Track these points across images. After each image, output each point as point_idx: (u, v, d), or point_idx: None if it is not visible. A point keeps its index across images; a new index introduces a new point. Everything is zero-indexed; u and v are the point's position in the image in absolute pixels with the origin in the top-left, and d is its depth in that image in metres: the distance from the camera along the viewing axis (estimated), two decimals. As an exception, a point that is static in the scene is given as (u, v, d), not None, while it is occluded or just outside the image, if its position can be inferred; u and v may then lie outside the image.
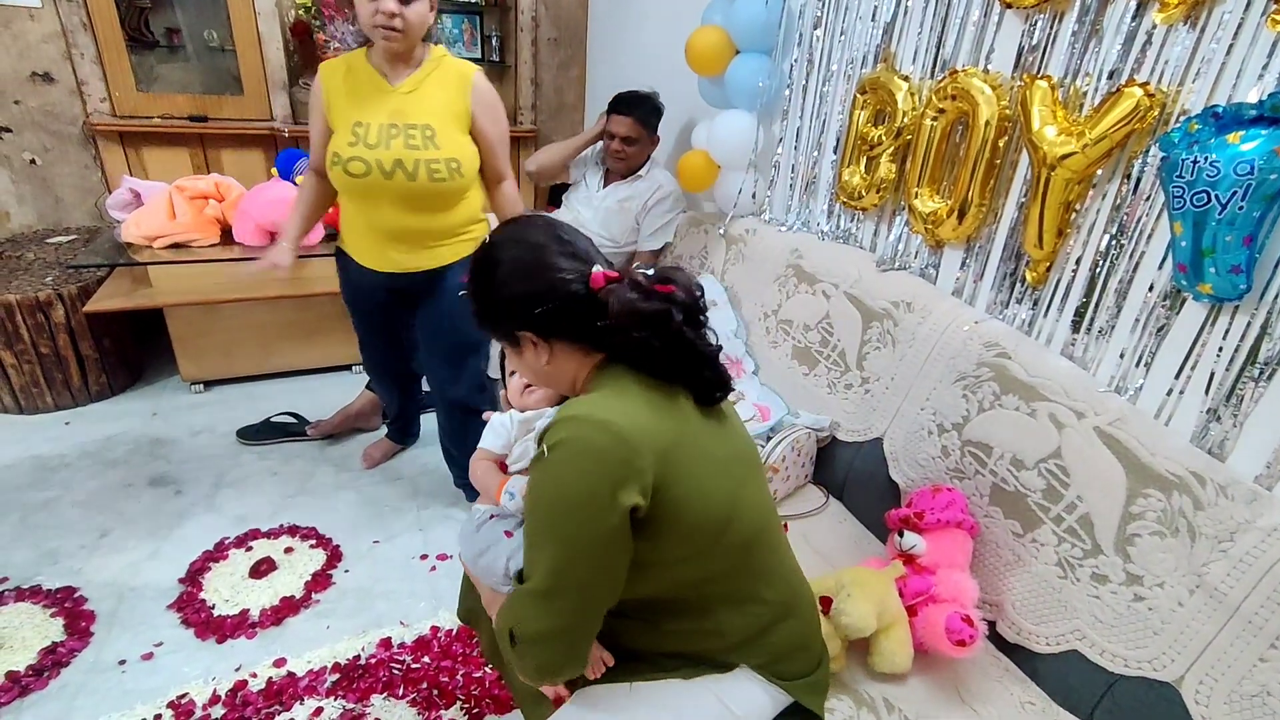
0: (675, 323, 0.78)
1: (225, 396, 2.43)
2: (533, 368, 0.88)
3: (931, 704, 1.04)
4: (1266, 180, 0.90)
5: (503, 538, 0.96)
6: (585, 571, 0.75)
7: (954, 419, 1.27)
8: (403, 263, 1.60)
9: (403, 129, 1.46)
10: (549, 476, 0.75)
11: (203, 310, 2.32)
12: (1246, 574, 0.91)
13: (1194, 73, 1.02)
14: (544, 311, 0.80)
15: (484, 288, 0.85)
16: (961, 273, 1.42)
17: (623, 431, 0.73)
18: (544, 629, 0.76)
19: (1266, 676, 0.87)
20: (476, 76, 1.53)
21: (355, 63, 1.51)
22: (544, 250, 0.82)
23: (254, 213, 2.24)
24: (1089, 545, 1.06)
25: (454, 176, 1.50)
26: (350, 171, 1.47)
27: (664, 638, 0.87)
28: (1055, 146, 1.15)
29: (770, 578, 0.88)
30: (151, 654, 1.47)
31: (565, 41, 3.26)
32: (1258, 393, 0.99)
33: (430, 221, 1.57)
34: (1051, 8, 1.20)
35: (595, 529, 0.72)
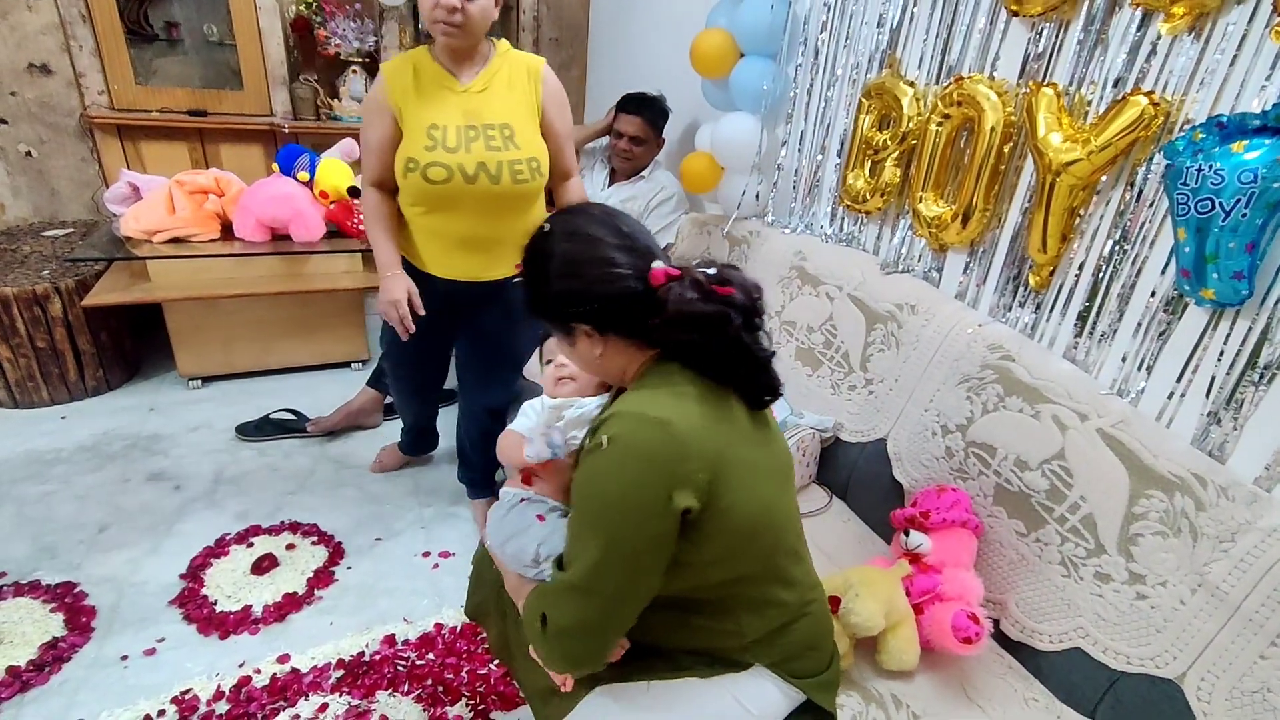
0: (733, 327, 0.77)
1: (223, 393, 2.42)
2: (584, 358, 0.87)
3: (938, 701, 1.05)
4: (1269, 188, 0.92)
5: (535, 522, 0.96)
6: (627, 572, 0.75)
7: (958, 420, 1.29)
8: (473, 271, 1.53)
9: (481, 130, 1.39)
10: (605, 472, 0.74)
11: (202, 305, 2.31)
12: (1247, 573, 0.93)
13: (1198, 82, 1.05)
14: (601, 306, 0.80)
15: (540, 278, 0.84)
16: (964, 276, 1.44)
17: (680, 433, 0.73)
18: (577, 623, 0.76)
19: (1267, 674, 0.89)
20: (545, 70, 1.48)
21: (420, 61, 1.42)
22: (604, 245, 0.80)
23: (255, 208, 2.23)
24: (1092, 545, 1.07)
25: (535, 176, 1.45)
26: (430, 178, 1.38)
27: (684, 633, 0.88)
28: (1060, 153, 1.17)
29: (792, 581, 0.89)
30: (154, 649, 1.46)
31: (567, 42, 3.27)
32: (1257, 396, 1.01)
33: (504, 227, 1.49)
34: (1057, 16, 1.22)
35: (645, 531, 0.73)
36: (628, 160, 2.25)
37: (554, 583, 0.79)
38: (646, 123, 2.20)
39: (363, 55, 2.95)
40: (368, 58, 2.97)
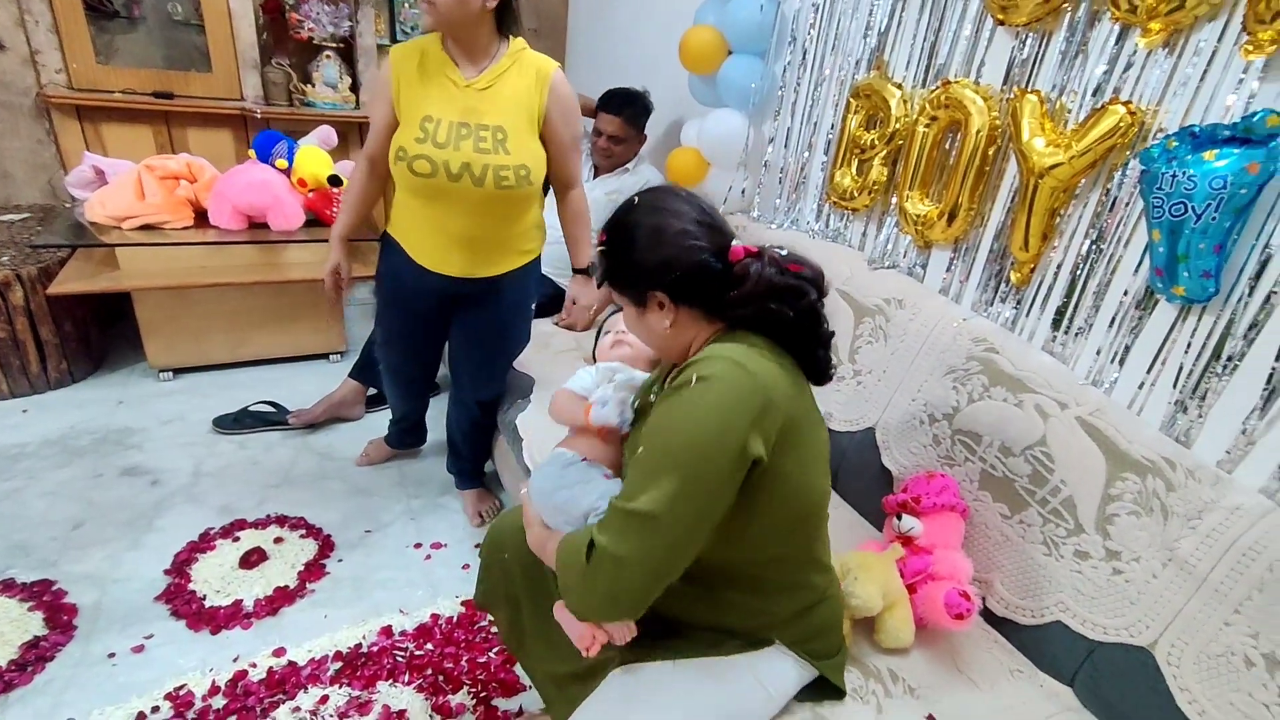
0: (809, 299, 0.83)
1: (197, 384, 2.36)
2: (652, 329, 0.90)
3: (931, 674, 1.11)
4: (1237, 194, 1.00)
5: (599, 477, 0.96)
6: (699, 508, 0.77)
7: (945, 409, 1.36)
8: (465, 268, 1.53)
9: (474, 129, 1.38)
10: (693, 404, 0.77)
11: (174, 295, 2.24)
12: (1213, 548, 1.01)
13: (1171, 93, 1.12)
14: (682, 276, 0.83)
15: (624, 248, 0.87)
16: (949, 273, 1.51)
17: (764, 382, 0.77)
18: (641, 553, 0.76)
19: (1230, 639, 0.97)
20: (556, 75, 1.45)
21: (429, 49, 1.40)
22: (687, 219, 0.85)
23: (232, 195, 2.17)
24: (1072, 525, 1.15)
25: (522, 184, 1.43)
26: (415, 170, 1.39)
27: (711, 609, 0.91)
28: (1043, 157, 1.24)
29: (823, 566, 0.94)
30: (142, 646, 1.43)
31: (545, 32, 3.25)
32: (1220, 386, 1.09)
33: (497, 229, 1.51)
34: (1041, 26, 1.29)
35: (718, 466, 0.75)
36: (608, 158, 2.26)
37: (616, 514, 0.79)
38: (626, 122, 2.20)
39: (337, 41, 2.89)
40: (342, 43, 2.91)
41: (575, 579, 0.82)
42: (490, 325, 1.66)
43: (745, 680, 0.92)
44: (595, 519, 0.91)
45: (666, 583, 0.81)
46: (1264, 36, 0.99)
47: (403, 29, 3.15)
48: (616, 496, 0.82)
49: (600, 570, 0.79)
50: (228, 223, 2.21)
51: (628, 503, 0.78)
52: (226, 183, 2.20)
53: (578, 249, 1.66)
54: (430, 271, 1.54)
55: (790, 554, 0.89)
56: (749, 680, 0.92)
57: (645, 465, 0.79)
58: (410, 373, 1.86)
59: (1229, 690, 0.96)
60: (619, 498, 0.81)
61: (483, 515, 1.91)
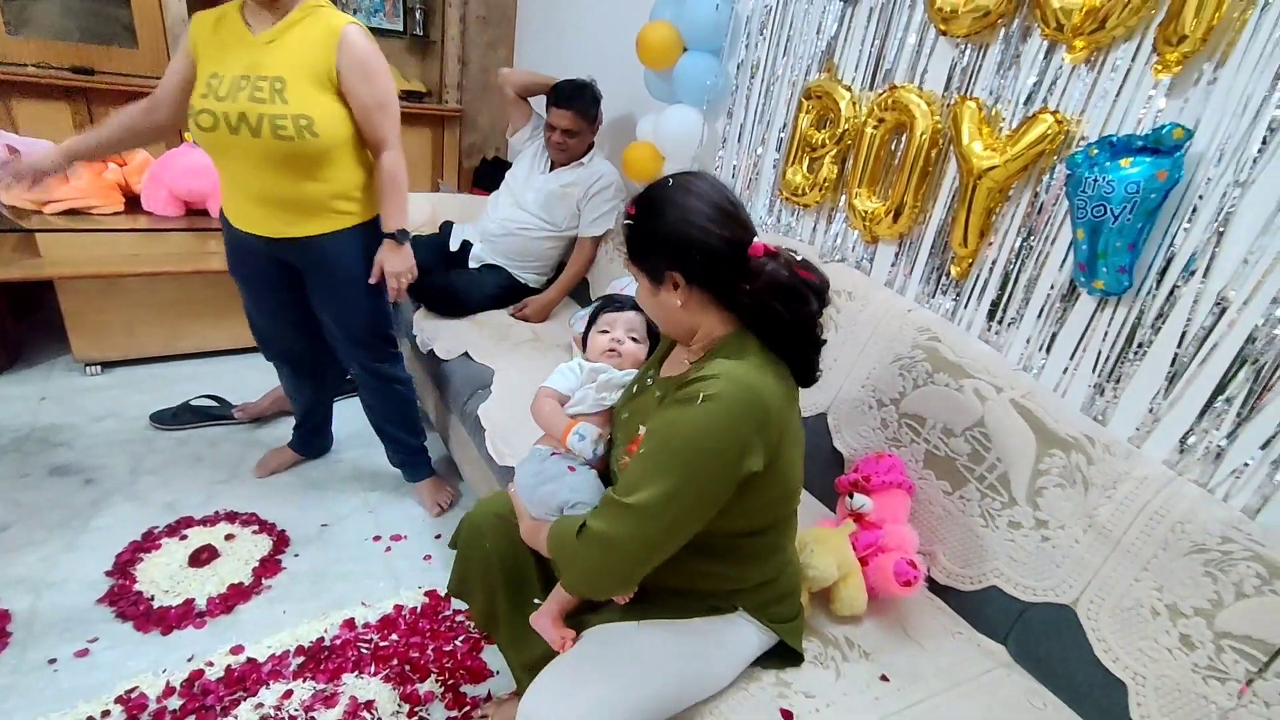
0: (809, 306, 0.88)
1: (129, 379, 2.24)
2: (664, 305, 0.94)
3: (883, 639, 1.20)
4: (1148, 198, 1.12)
5: (567, 472, 1.02)
6: (687, 507, 0.83)
7: (892, 395, 1.45)
8: (274, 227, 1.51)
9: (253, 80, 1.37)
10: (697, 420, 0.82)
11: (102, 284, 2.13)
12: (1126, 513, 1.13)
13: (1093, 105, 1.24)
14: (699, 259, 0.88)
15: (649, 222, 0.91)
16: (894, 267, 1.61)
17: (766, 403, 0.83)
18: (626, 537, 0.83)
19: (1139, 593, 1.10)
20: (348, 30, 1.41)
21: (228, 12, 1.43)
22: (716, 208, 0.89)
23: (168, 180, 2.08)
24: (1006, 498, 1.26)
25: (303, 135, 1.39)
26: (200, 125, 1.40)
27: (685, 576, 0.95)
28: (981, 160, 1.34)
29: (789, 538, 1.01)
30: (86, 650, 1.38)
31: (494, 21, 3.21)
32: (1132, 371, 1.22)
33: (295, 187, 1.47)
34: (979, 39, 1.39)
35: (715, 478, 0.82)
36: (563, 151, 2.26)
37: (612, 505, 0.85)
38: (578, 114, 2.21)
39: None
40: (281, 22, 2.79)
41: (567, 556, 0.87)
42: (334, 291, 1.63)
43: (708, 643, 0.98)
44: (570, 511, 0.96)
45: (653, 565, 0.87)
46: (1171, 58, 1.11)
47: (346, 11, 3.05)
48: (613, 489, 0.87)
49: (590, 549, 0.85)
50: (163, 209, 2.11)
51: (624, 497, 0.84)
52: (163, 167, 2.10)
53: (386, 213, 1.58)
54: (246, 233, 1.54)
55: (765, 530, 0.95)
56: (712, 643, 0.98)
57: (645, 467, 0.84)
58: (295, 359, 1.82)
59: (1138, 639, 1.08)
60: (616, 491, 0.86)
61: (441, 505, 1.90)
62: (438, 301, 2.15)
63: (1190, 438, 1.13)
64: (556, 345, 2.10)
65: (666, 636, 0.98)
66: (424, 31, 3.21)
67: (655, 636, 0.97)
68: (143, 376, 2.26)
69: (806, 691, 1.05)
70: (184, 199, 2.11)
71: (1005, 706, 1.10)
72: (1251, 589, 0.99)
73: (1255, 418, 1.06)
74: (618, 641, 0.97)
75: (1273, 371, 1.04)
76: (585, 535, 0.85)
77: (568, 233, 2.35)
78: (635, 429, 0.97)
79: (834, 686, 1.07)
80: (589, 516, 0.87)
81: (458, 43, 3.14)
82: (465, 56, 3.21)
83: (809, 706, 1.02)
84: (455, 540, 1.23)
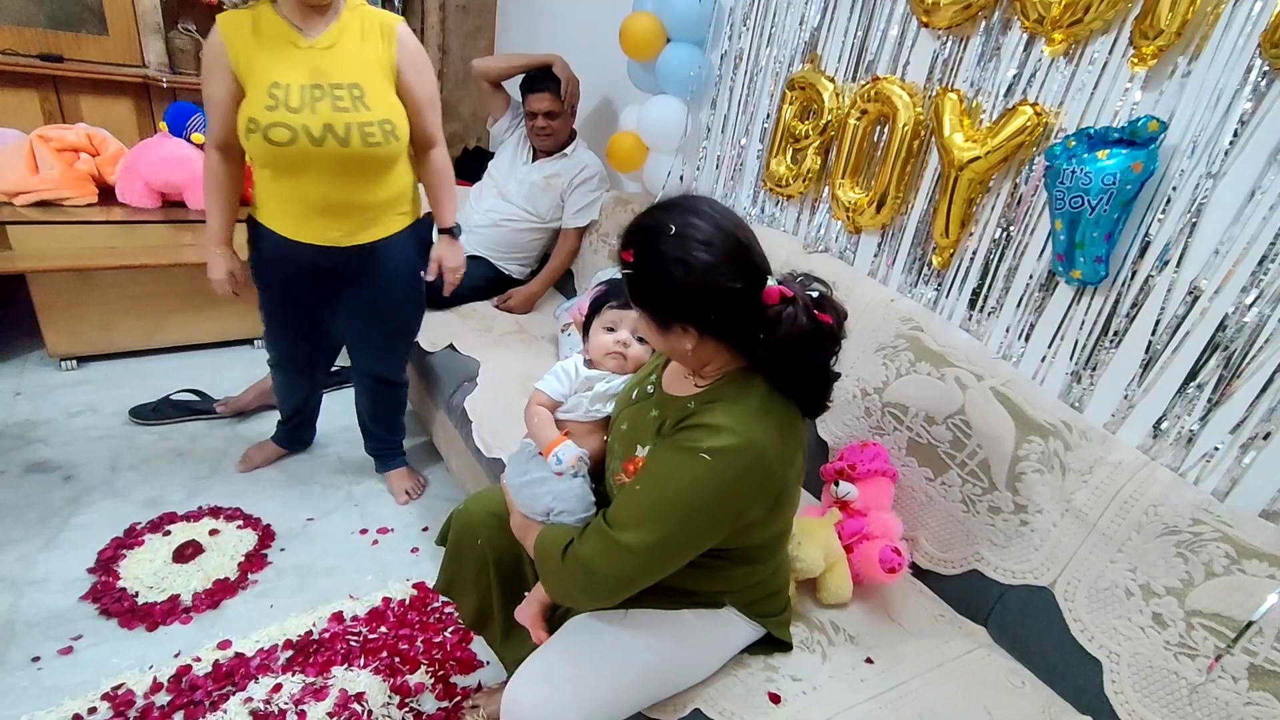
0: (825, 353, 0.85)
1: (106, 374, 2.20)
2: (672, 348, 0.89)
3: (868, 624, 1.23)
4: (1124, 189, 1.14)
5: (552, 477, 1.01)
6: (677, 551, 0.85)
7: (875, 384, 1.47)
8: (333, 236, 1.47)
9: (328, 90, 1.33)
10: (698, 476, 0.81)
11: (76, 278, 2.08)
12: (1101, 497, 1.16)
13: (1071, 97, 1.26)
14: (715, 316, 0.81)
15: (654, 275, 0.82)
16: (877, 257, 1.63)
17: (771, 461, 0.82)
18: (612, 573, 0.85)
19: (1114, 574, 1.13)
20: (401, 28, 1.41)
21: (262, 14, 1.34)
22: (724, 254, 0.80)
23: (144, 171, 2.03)
24: (986, 484, 1.29)
25: (389, 140, 1.38)
26: (272, 139, 1.32)
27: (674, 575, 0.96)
28: (963, 151, 1.36)
29: (781, 542, 1.03)
30: (70, 648, 1.36)
31: (474, 10, 3.18)
32: (1108, 358, 1.25)
33: (362, 193, 1.44)
34: (960, 31, 1.40)
35: (711, 528, 0.83)
36: (548, 137, 2.24)
37: (601, 535, 0.86)
38: (555, 95, 2.18)
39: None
40: (256, 9, 2.74)
41: (551, 570, 0.89)
42: (376, 298, 1.60)
43: (694, 632, 1.00)
44: (555, 519, 0.97)
45: (634, 591, 0.89)
46: (1146, 51, 1.13)
47: (322, -3, 3.00)
48: (607, 513, 0.87)
49: (573, 573, 0.87)
50: (139, 200, 2.07)
51: (614, 531, 0.84)
52: (138, 157, 2.05)
53: (441, 209, 1.60)
54: (299, 244, 1.47)
55: (760, 542, 0.97)
56: (698, 633, 1.00)
57: (639, 508, 0.84)
58: (301, 364, 1.78)
59: (1112, 618, 1.11)
60: (609, 519, 0.86)
61: (409, 493, 1.91)
62: (422, 294, 2.13)
63: (1163, 423, 1.17)
64: (541, 336, 2.10)
65: (652, 626, 0.99)
66: (403, 19, 3.17)
67: (641, 625, 0.99)
68: (120, 371, 2.22)
69: (794, 675, 1.07)
70: (160, 190, 2.07)
71: (986, 686, 1.13)
72: (1221, 569, 1.02)
73: (1225, 403, 1.10)
74: (603, 630, 0.98)
75: (1242, 359, 1.07)
76: (570, 557, 0.86)
77: (551, 224, 2.35)
78: (633, 447, 0.95)
79: (820, 670, 1.09)
80: (577, 539, 0.87)
81: (437, 31, 3.10)
82: (445, 45, 3.17)
83: (796, 689, 1.04)
84: (443, 537, 1.23)
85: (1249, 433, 1.07)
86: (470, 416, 1.67)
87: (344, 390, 2.31)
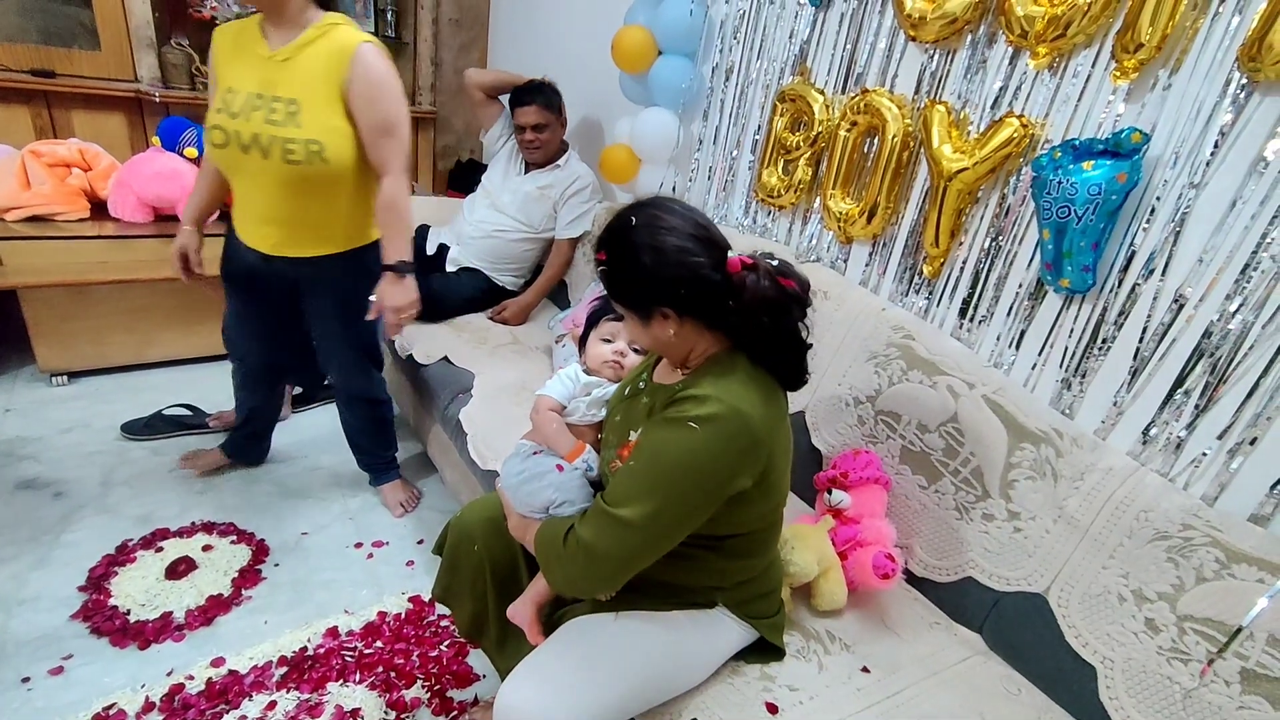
0: (792, 315, 0.89)
1: (97, 389, 2.19)
2: (657, 338, 0.93)
3: (863, 632, 1.23)
4: (1109, 199, 1.16)
5: (553, 470, 1.02)
6: (674, 524, 0.86)
7: (868, 392, 1.48)
8: (267, 244, 1.50)
9: (268, 100, 1.35)
10: (685, 444, 0.84)
11: (67, 293, 2.08)
12: (1093, 503, 1.17)
13: (1056, 109, 1.28)
14: (687, 291, 0.87)
15: (626, 268, 0.90)
16: (868, 266, 1.64)
17: (755, 427, 0.84)
18: (618, 549, 0.86)
19: (1107, 580, 1.14)
20: (362, 49, 1.35)
21: (248, 25, 1.41)
22: (685, 236, 0.88)
23: (137, 186, 2.03)
24: (979, 492, 1.30)
25: (313, 160, 1.36)
26: (212, 141, 1.39)
27: (665, 569, 0.96)
28: (951, 162, 1.38)
29: (773, 538, 1.03)
30: (61, 668, 1.35)
31: (467, 23, 3.20)
32: (1097, 366, 1.27)
33: (301, 209, 1.44)
34: (947, 45, 1.42)
35: (703, 496, 0.85)
36: (537, 150, 2.25)
37: (600, 515, 0.88)
38: (542, 106, 2.18)
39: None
40: (249, 24, 2.75)
41: (553, 561, 0.90)
42: (321, 312, 1.62)
43: (687, 635, 1.00)
44: (555, 511, 0.98)
45: (637, 570, 0.90)
46: (1128, 64, 1.15)
47: (314, 12, 3.01)
48: (603, 496, 0.88)
49: (575, 557, 0.87)
50: (131, 215, 2.06)
51: (612, 508, 0.86)
52: (130, 172, 2.05)
53: (387, 243, 1.51)
54: (245, 245, 1.53)
55: (750, 533, 0.98)
56: (690, 635, 1.01)
57: (634, 483, 0.87)
58: (254, 367, 1.79)
59: (1105, 624, 1.12)
60: (606, 499, 0.88)
61: (404, 505, 1.90)
62: (416, 306, 2.13)
63: (1152, 429, 1.18)
64: (536, 347, 2.10)
65: (645, 628, 0.99)
66: (396, 34, 3.18)
67: (633, 628, 0.99)
68: (111, 386, 2.21)
69: (790, 684, 1.07)
70: (152, 205, 2.07)
71: (982, 693, 1.13)
72: (1211, 573, 1.03)
73: (1212, 409, 1.11)
74: (595, 633, 0.99)
75: (1228, 365, 1.09)
76: (572, 542, 0.87)
77: (545, 234, 2.35)
78: (626, 434, 0.99)
79: (817, 679, 1.10)
80: (577, 523, 0.89)
81: (430, 45, 3.12)
82: (438, 59, 3.19)
83: (793, 699, 1.05)
84: (440, 546, 1.23)
85: (1236, 438, 1.08)
86: (465, 428, 1.66)
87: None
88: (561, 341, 2.00)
